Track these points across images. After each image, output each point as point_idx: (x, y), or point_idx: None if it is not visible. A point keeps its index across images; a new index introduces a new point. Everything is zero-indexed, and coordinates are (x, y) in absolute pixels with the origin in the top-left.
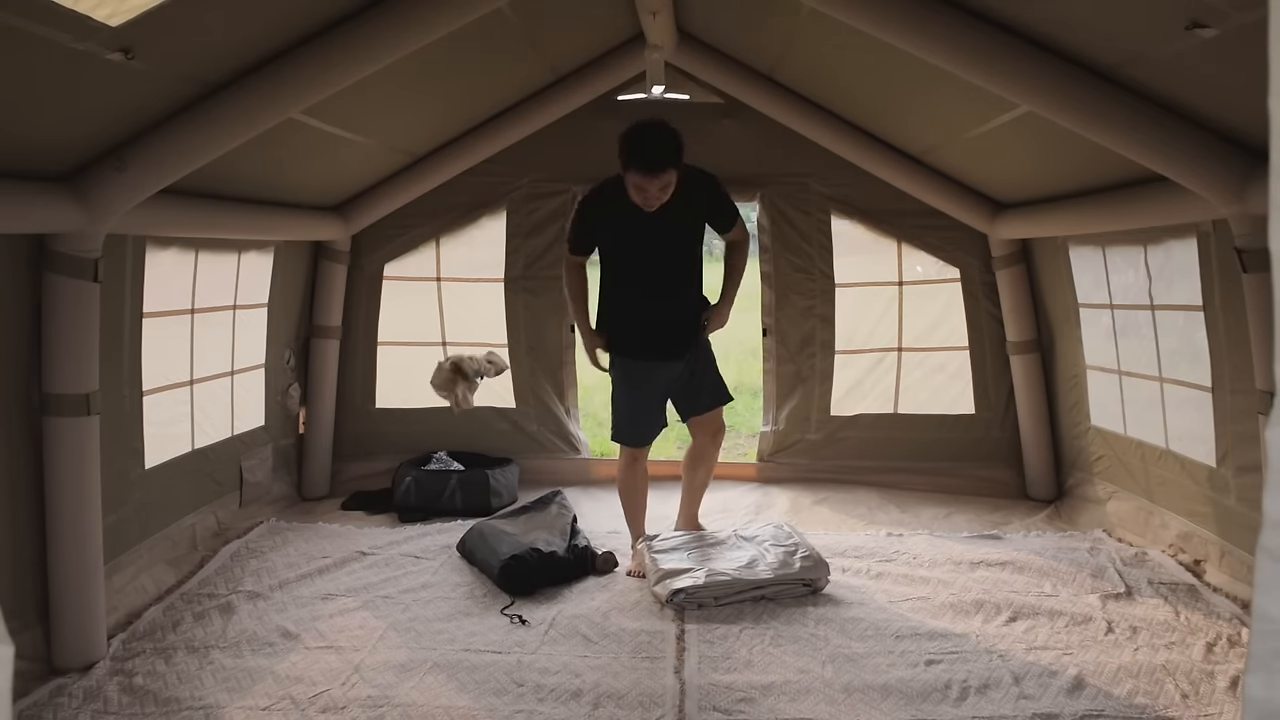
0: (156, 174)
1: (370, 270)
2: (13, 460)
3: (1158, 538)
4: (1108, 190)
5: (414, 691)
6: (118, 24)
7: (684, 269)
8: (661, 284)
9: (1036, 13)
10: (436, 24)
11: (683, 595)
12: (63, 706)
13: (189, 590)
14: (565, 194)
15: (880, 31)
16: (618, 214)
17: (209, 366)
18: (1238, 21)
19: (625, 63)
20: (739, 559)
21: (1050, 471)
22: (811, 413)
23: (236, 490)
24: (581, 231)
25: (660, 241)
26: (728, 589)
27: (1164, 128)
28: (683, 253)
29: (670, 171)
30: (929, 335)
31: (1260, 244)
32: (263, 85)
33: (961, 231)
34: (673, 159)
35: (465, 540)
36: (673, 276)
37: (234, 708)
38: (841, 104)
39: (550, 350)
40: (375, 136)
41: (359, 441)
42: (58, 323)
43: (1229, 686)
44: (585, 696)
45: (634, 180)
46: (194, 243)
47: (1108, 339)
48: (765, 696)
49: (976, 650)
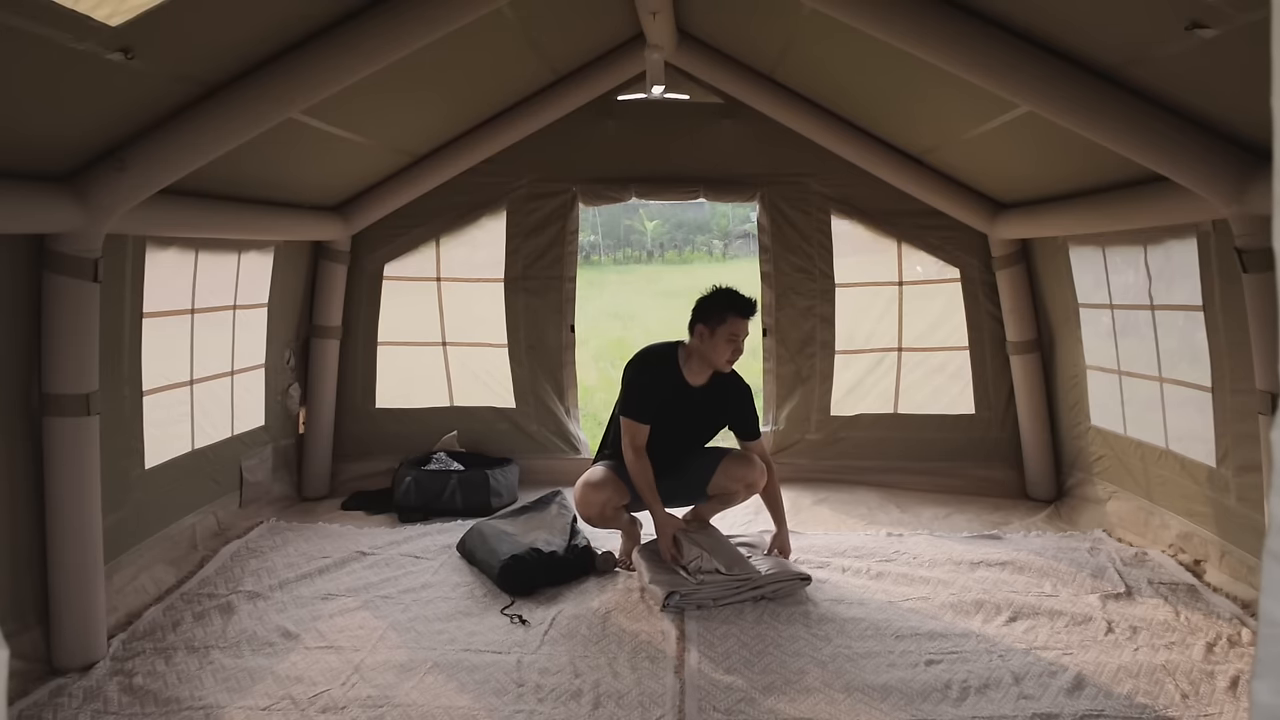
0: (156, 174)
1: (370, 270)
2: (13, 460)
3: (1158, 538)
4: (1108, 190)
5: (414, 691)
6: (118, 24)
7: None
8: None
9: (1037, 13)
10: (436, 24)
11: (677, 598)
12: (63, 706)
13: (189, 590)
14: (565, 194)
15: (880, 31)
16: (669, 392)
17: (209, 366)
18: (1238, 21)
19: (625, 63)
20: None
21: (1050, 471)
22: (811, 413)
23: (236, 490)
24: (648, 398)
25: (698, 419)
26: (724, 588)
27: (1164, 128)
28: (705, 432)
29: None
30: (929, 335)
31: (1260, 244)
32: (263, 85)
33: (961, 231)
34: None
35: (465, 540)
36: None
37: (234, 708)
38: (841, 104)
39: (550, 350)
40: (375, 136)
41: (359, 441)
42: (58, 323)
43: (1229, 686)
44: (585, 696)
45: (730, 330)
46: (194, 243)
47: (1108, 339)
48: (765, 696)
49: (976, 650)
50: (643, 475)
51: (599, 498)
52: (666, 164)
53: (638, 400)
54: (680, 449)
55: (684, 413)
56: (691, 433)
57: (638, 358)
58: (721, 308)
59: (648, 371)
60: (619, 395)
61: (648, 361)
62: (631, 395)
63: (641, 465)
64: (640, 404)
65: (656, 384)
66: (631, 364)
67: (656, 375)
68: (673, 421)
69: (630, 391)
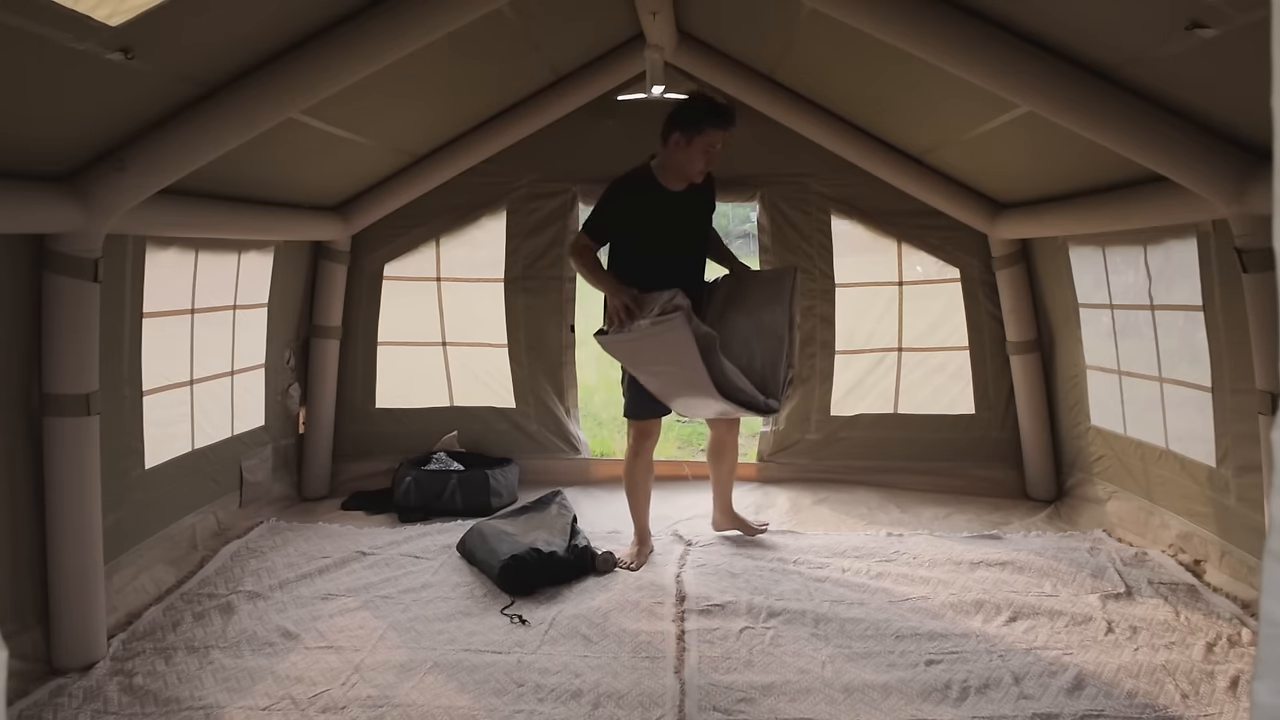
0: (156, 174)
1: (370, 270)
2: (13, 460)
3: (1158, 538)
4: (1108, 190)
5: (414, 691)
6: (118, 24)
7: (702, 250)
8: (685, 263)
9: (1036, 12)
10: (436, 24)
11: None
12: (63, 706)
13: (189, 590)
14: (565, 194)
15: (880, 31)
16: (650, 197)
17: (209, 366)
18: (1238, 21)
19: (625, 63)
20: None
21: (1050, 471)
22: (811, 413)
23: (236, 490)
24: (610, 218)
25: (690, 221)
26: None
27: (1164, 128)
28: (703, 235)
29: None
30: (929, 335)
31: (1260, 244)
32: (263, 85)
33: (961, 231)
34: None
35: (465, 540)
36: (696, 260)
37: (234, 708)
38: (841, 104)
39: (550, 350)
40: (375, 136)
41: (359, 441)
42: (58, 323)
43: (1229, 686)
44: (585, 696)
45: (707, 141)
46: (194, 243)
47: (1108, 339)
48: (765, 696)
49: (976, 650)
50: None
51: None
52: None
53: (599, 218)
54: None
55: (673, 218)
56: (688, 236)
57: (614, 180)
58: (699, 118)
59: (619, 189)
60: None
61: (619, 182)
62: (594, 213)
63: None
64: (597, 223)
65: (629, 199)
66: (610, 185)
67: (630, 189)
68: (665, 228)
69: (595, 209)
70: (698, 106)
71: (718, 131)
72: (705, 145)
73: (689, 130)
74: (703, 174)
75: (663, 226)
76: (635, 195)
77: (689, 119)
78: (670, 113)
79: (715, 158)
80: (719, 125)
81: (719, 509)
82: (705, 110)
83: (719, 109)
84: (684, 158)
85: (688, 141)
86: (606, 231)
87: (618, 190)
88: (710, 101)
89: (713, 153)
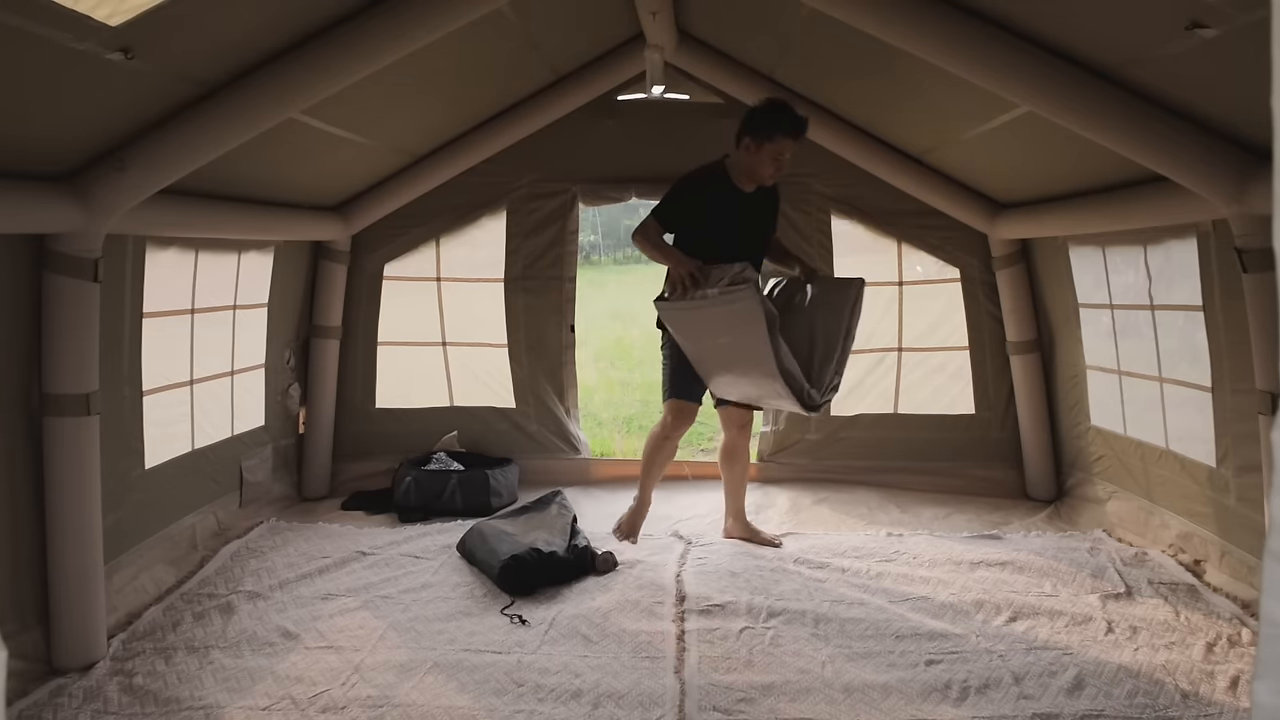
0: (156, 174)
1: (370, 270)
2: (13, 460)
3: (1158, 538)
4: (1108, 190)
5: (414, 691)
6: (118, 24)
7: (761, 253)
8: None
9: (1036, 13)
10: (436, 24)
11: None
12: (63, 706)
13: (189, 590)
14: (565, 194)
15: (880, 31)
16: (719, 194)
17: (209, 366)
18: (1238, 21)
19: (625, 63)
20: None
21: (1050, 471)
22: None
23: (236, 490)
24: (678, 208)
25: (754, 222)
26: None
27: (1164, 128)
28: (765, 238)
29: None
30: (929, 335)
31: (1260, 244)
32: (263, 85)
33: (961, 231)
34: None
35: (465, 540)
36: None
37: (234, 708)
38: (841, 104)
39: (550, 350)
40: (375, 136)
41: (359, 441)
42: (58, 323)
43: (1229, 686)
44: (585, 696)
45: (775, 149)
46: (194, 243)
47: (1108, 339)
48: (765, 696)
49: (976, 650)
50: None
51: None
52: (666, 164)
53: (667, 207)
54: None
55: (738, 217)
56: (750, 237)
57: (688, 173)
58: (771, 125)
59: (691, 182)
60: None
61: (692, 175)
62: (664, 200)
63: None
64: (667, 210)
65: (700, 193)
66: (682, 176)
67: (702, 184)
68: (729, 226)
69: (664, 199)
70: (771, 113)
71: (788, 140)
72: (774, 152)
73: (759, 136)
74: (773, 179)
75: (727, 224)
76: (705, 190)
77: (761, 125)
78: (745, 114)
79: (784, 165)
80: (790, 134)
81: (731, 516)
82: (778, 118)
83: (791, 119)
84: (753, 161)
85: (757, 147)
86: (673, 220)
87: (689, 182)
88: (784, 109)
89: (781, 160)
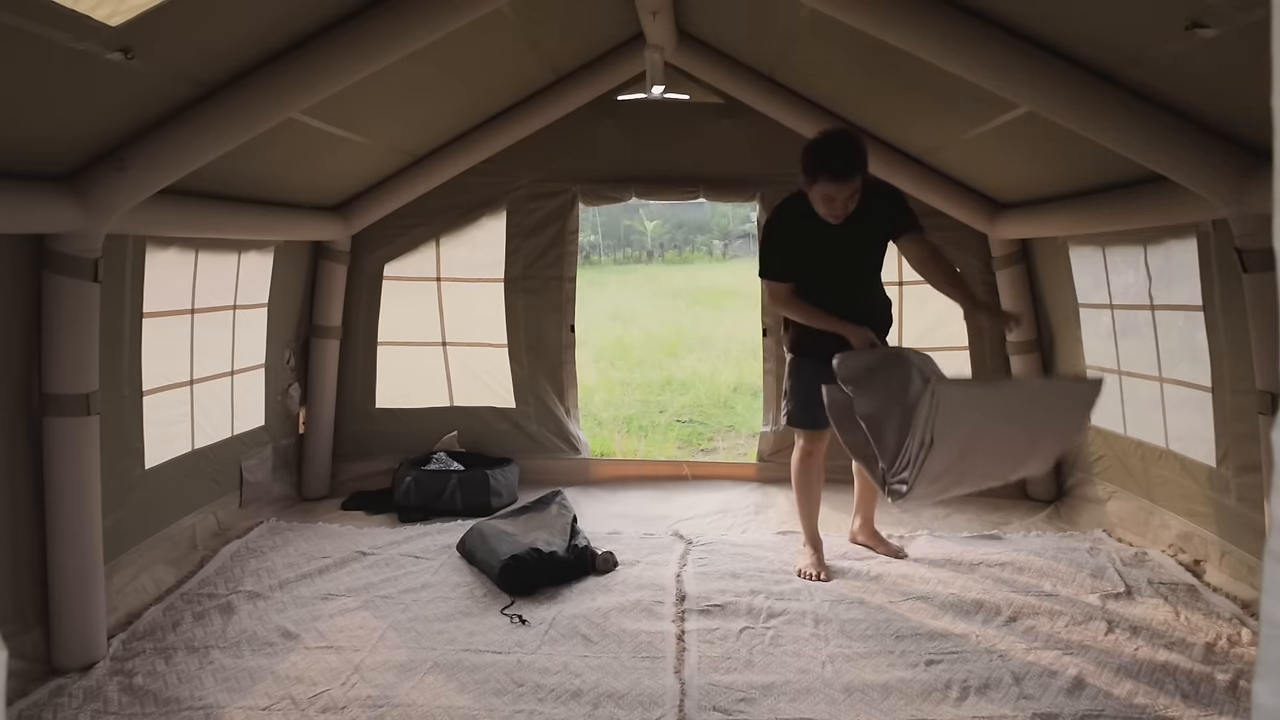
0: (156, 174)
1: (370, 270)
2: (13, 460)
3: (1158, 538)
4: (1108, 190)
5: (414, 691)
6: (118, 24)
7: (870, 277)
8: (856, 291)
9: (1037, 12)
10: (437, 24)
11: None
12: (63, 706)
13: (189, 590)
14: (565, 194)
15: (880, 31)
16: (807, 226)
17: (209, 366)
18: (1238, 21)
19: (625, 63)
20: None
21: (1050, 471)
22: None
23: (236, 490)
24: (779, 256)
25: (848, 251)
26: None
27: (1164, 128)
28: (869, 262)
29: (857, 179)
30: (929, 335)
31: (1260, 244)
32: (263, 85)
33: (961, 231)
34: (859, 166)
35: (465, 540)
36: (860, 284)
37: (234, 708)
38: (841, 104)
39: (550, 350)
40: (375, 137)
41: (359, 441)
42: (58, 323)
43: (1229, 686)
44: (585, 696)
45: (823, 190)
46: (194, 243)
47: (1108, 339)
48: (765, 696)
49: (976, 650)
50: (805, 311)
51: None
52: (666, 164)
53: (767, 259)
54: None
55: (830, 248)
56: (848, 266)
57: (770, 214)
58: (815, 168)
59: (776, 224)
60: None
61: (774, 212)
62: (762, 257)
63: (798, 306)
64: (770, 262)
65: (787, 234)
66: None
67: (786, 223)
68: (819, 258)
69: (760, 254)
70: (813, 154)
71: (831, 183)
72: (823, 194)
73: (807, 175)
74: (838, 219)
75: (815, 257)
76: (791, 223)
77: (807, 165)
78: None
79: (841, 207)
80: (832, 177)
81: (860, 521)
82: (821, 159)
83: (833, 160)
84: (812, 199)
85: (809, 185)
86: (784, 267)
87: (774, 222)
88: (828, 148)
89: (834, 202)
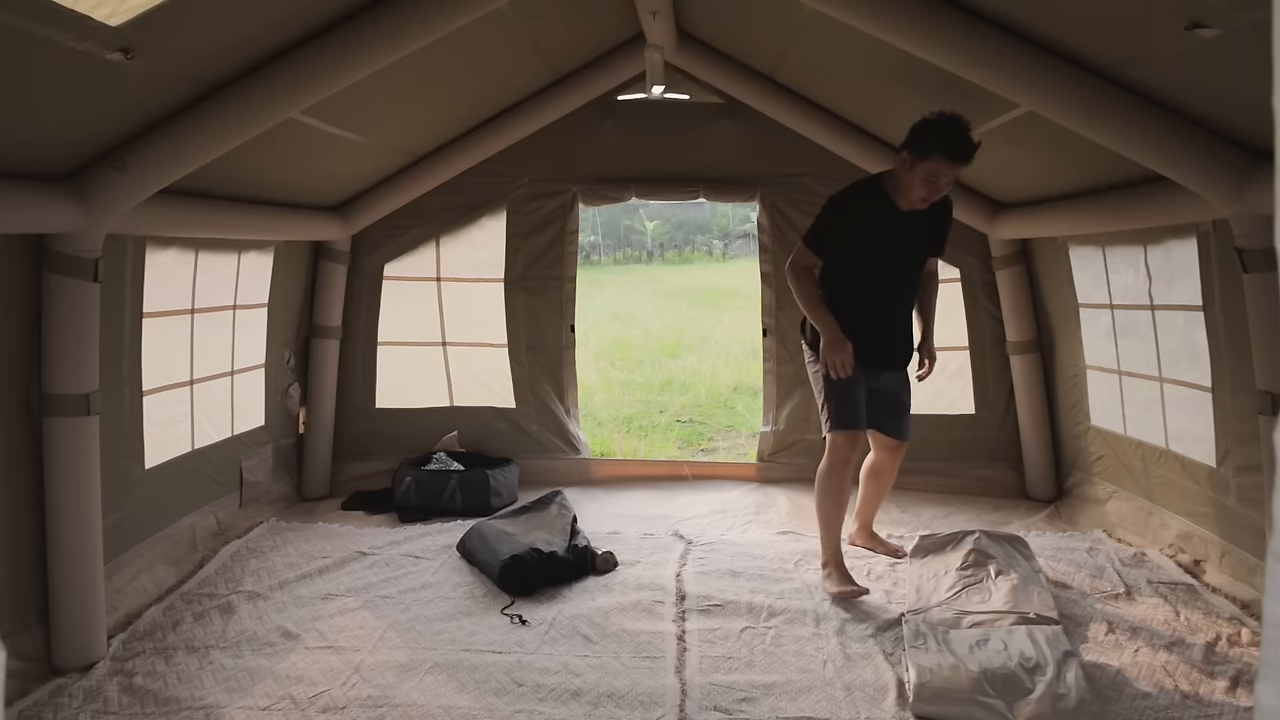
0: (156, 174)
1: (370, 270)
2: (13, 460)
3: (1158, 538)
4: (1108, 190)
5: (414, 691)
6: (118, 24)
7: (909, 281)
8: (900, 290)
9: (1037, 12)
10: (437, 24)
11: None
12: (63, 706)
13: (189, 590)
14: (565, 194)
15: (880, 31)
16: (874, 213)
17: (209, 366)
18: (1238, 21)
19: (625, 63)
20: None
21: (1050, 471)
22: (811, 413)
23: (236, 490)
24: (833, 229)
25: (910, 246)
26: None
27: (1164, 128)
28: (920, 261)
29: (967, 165)
30: None
31: (1260, 244)
32: (263, 85)
33: (961, 231)
34: (974, 152)
35: (465, 540)
36: (910, 284)
37: (234, 708)
38: (841, 104)
39: (550, 350)
40: (375, 136)
41: (359, 441)
42: (58, 323)
43: (1229, 687)
44: (585, 696)
45: (930, 168)
46: (194, 243)
47: (1108, 339)
48: (767, 696)
49: None
50: (810, 293)
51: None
52: (666, 164)
53: (819, 227)
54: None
55: (891, 239)
56: (901, 262)
57: (841, 191)
58: (930, 142)
59: (845, 200)
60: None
61: (848, 194)
62: (815, 224)
63: (807, 282)
64: (819, 231)
65: (852, 212)
66: (834, 196)
67: (857, 202)
68: (883, 249)
69: (816, 220)
70: (931, 130)
71: (945, 163)
72: (929, 173)
73: (917, 151)
74: (925, 202)
75: (879, 247)
76: (861, 206)
77: (921, 139)
78: (914, 124)
79: (939, 190)
80: (949, 157)
81: (859, 525)
82: (940, 136)
83: (956, 140)
84: (908, 179)
85: (913, 163)
86: (828, 243)
87: (844, 199)
88: (951, 127)
89: (935, 184)
